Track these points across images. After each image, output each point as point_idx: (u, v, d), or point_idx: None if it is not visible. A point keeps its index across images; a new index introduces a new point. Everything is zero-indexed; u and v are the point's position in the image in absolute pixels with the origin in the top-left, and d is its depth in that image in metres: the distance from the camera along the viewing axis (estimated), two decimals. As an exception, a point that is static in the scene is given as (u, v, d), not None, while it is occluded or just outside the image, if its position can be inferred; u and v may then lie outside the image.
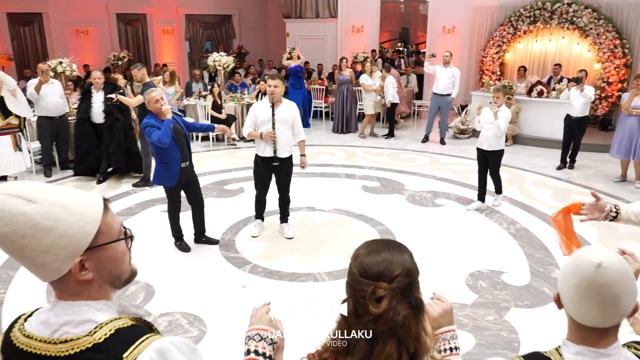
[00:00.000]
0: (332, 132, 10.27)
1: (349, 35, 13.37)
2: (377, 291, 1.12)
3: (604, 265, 1.14)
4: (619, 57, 9.65)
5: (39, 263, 1.00)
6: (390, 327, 1.11)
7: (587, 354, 1.22)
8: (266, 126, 4.65)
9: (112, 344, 1.00)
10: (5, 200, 0.97)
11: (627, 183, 7.04)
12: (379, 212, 5.72)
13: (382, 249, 1.21)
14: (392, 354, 1.10)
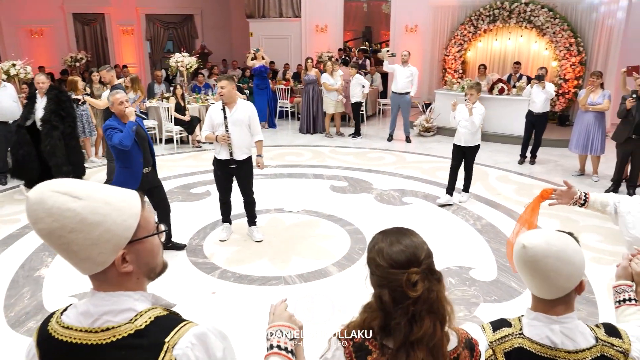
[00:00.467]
0: (298, 132, 10.23)
1: (313, 34, 13.36)
2: (412, 277, 1.21)
3: (527, 247, 1.33)
4: (575, 55, 9.99)
5: (85, 256, 1.05)
6: (428, 304, 1.22)
7: (542, 319, 1.40)
8: (221, 129, 4.59)
9: (153, 330, 1.06)
10: (53, 197, 1.01)
11: (586, 177, 7.29)
12: (348, 212, 5.73)
13: (400, 237, 1.30)
14: (429, 328, 1.21)
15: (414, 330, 1.21)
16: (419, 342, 1.22)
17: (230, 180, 4.87)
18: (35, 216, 1.02)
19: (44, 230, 1.02)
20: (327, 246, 4.86)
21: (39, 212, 1.01)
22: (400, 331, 1.22)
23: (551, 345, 1.37)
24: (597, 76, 7.02)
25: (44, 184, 1.04)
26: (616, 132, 6.45)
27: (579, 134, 7.18)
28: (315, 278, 4.23)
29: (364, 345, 1.29)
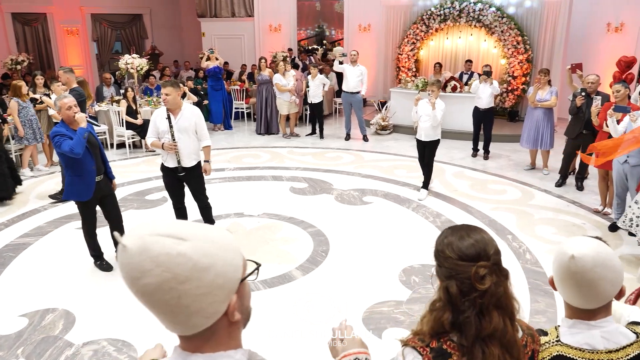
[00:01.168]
0: (255, 134, 10.11)
1: (266, 34, 13.24)
2: (480, 270, 1.24)
3: (576, 257, 1.32)
4: (522, 53, 10.34)
5: (195, 310, 0.87)
6: (495, 298, 1.24)
7: (580, 326, 1.40)
8: (167, 136, 4.45)
9: None
10: (159, 242, 0.84)
11: (536, 171, 7.55)
12: (309, 214, 5.69)
13: (471, 232, 1.32)
14: (499, 322, 1.23)
15: (484, 325, 1.23)
16: (491, 338, 1.23)
17: (181, 186, 4.74)
18: (140, 269, 0.84)
19: (151, 286, 0.84)
20: (289, 250, 4.80)
21: (145, 263, 0.84)
22: (471, 325, 1.23)
23: (592, 349, 1.37)
24: (544, 73, 7.27)
25: (138, 228, 0.87)
26: (568, 128, 6.70)
27: (529, 130, 7.43)
28: (280, 283, 4.17)
29: (442, 348, 1.28)
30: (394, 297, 3.95)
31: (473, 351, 1.24)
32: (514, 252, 4.82)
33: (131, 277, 0.86)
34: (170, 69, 12.90)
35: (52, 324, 3.60)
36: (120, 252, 0.85)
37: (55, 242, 4.99)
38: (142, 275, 0.84)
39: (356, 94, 9.28)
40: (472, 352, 1.24)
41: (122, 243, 0.84)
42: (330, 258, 4.64)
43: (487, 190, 6.67)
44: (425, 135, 6.21)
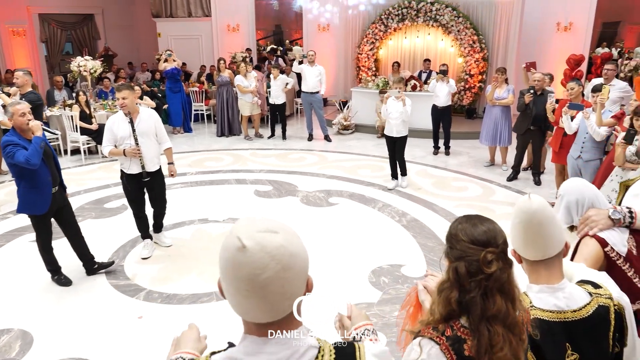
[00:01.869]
0: (216, 136, 9.92)
1: (224, 34, 13.05)
2: (488, 255, 1.34)
3: (532, 196, 1.56)
4: (478, 52, 10.59)
5: (290, 294, 0.99)
6: (499, 283, 1.34)
7: (546, 290, 1.56)
8: (128, 142, 4.34)
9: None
10: (265, 238, 0.95)
11: (496, 167, 7.74)
12: (275, 217, 5.60)
13: (483, 221, 1.44)
14: (502, 305, 1.33)
15: (488, 306, 1.32)
16: (494, 319, 1.32)
17: (143, 193, 4.64)
18: (260, 265, 0.94)
19: (270, 279, 0.94)
20: (257, 255, 4.71)
21: (264, 259, 0.94)
22: (477, 305, 1.33)
23: (559, 310, 1.55)
24: (501, 72, 7.46)
25: (241, 229, 0.97)
26: (516, 124, 6.91)
27: (488, 127, 7.61)
28: (249, 290, 4.08)
29: (457, 335, 1.36)
30: (365, 299, 3.94)
31: (479, 329, 1.33)
32: (479, 248, 4.90)
33: (252, 275, 0.94)
34: (125, 70, 12.52)
35: (8, 346, 3.38)
36: (239, 253, 0.94)
37: (8, 257, 4.72)
38: (263, 271, 0.94)
39: (316, 94, 9.28)
40: (479, 331, 1.33)
41: (241, 244, 0.94)
42: (298, 262, 4.59)
43: (449, 187, 6.78)
44: (397, 131, 6.45)
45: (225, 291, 1.02)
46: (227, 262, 0.97)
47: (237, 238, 0.94)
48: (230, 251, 0.95)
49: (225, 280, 1.00)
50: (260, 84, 9.97)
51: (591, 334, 1.56)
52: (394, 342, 3.41)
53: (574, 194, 2.10)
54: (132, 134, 4.32)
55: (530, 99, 6.47)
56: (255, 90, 9.37)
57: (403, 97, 6.28)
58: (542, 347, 1.52)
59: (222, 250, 0.99)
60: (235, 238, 0.95)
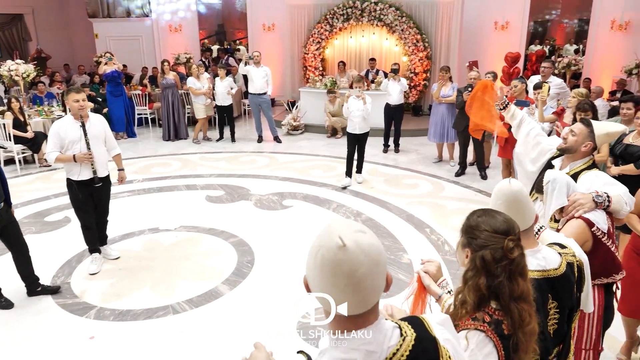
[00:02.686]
0: (162, 140, 9.61)
1: (167, 34, 12.67)
2: (510, 243, 1.52)
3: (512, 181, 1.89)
4: (422, 50, 10.83)
5: (378, 287, 1.09)
6: (520, 267, 1.54)
7: (529, 254, 1.73)
8: (78, 146, 4.16)
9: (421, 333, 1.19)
10: (359, 237, 1.07)
11: (444, 163, 7.95)
12: (229, 223, 5.49)
13: (498, 214, 1.63)
14: (524, 286, 1.52)
15: (514, 288, 1.51)
16: (519, 298, 1.51)
17: (92, 202, 4.41)
18: (357, 262, 1.04)
19: (364, 275, 1.05)
20: (213, 264, 4.60)
21: (360, 256, 1.05)
22: (505, 288, 1.50)
23: (543, 269, 1.84)
24: (445, 71, 7.67)
25: (340, 230, 1.07)
26: (456, 122, 7.13)
27: (436, 125, 7.80)
28: (206, 301, 3.97)
29: (494, 318, 1.51)
30: (326, 303, 3.92)
31: (510, 308, 1.50)
32: (434, 244, 5.00)
33: (350, 272, 1.05)
34: (61, 73, 11.90)
35: (-56, 379, 3.12)
36: (340, 251, 1.04)
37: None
38: (359, 268, 1.04)
39: (263, 95, 9.18)
40: (510, 310, 1.50)
41: (343, 243, 1.04)
42: (256, 268, 4.51)
43: (401, 185, 6.89)
44: (360, 128, 6.60)
45: (317, 287, 1.10)
46: (327, 260, 1.05)
47: (338, 238, 1.04)
48: (332, 250, 1.05)
49: (321, 277, 1.08)
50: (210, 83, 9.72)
51: (566, 285, 1.88)
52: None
53: (563, 179, 2.43)
54: (83, 138, 4.15)
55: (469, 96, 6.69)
56: (209, 92, 9.15)
57: (363, 95, 6.44)
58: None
59: (319, 249, 1.08)
60: (336, 238, 1.04)
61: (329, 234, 1.07)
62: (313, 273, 1.10)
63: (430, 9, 10.90)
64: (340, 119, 9.79)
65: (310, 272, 1.12)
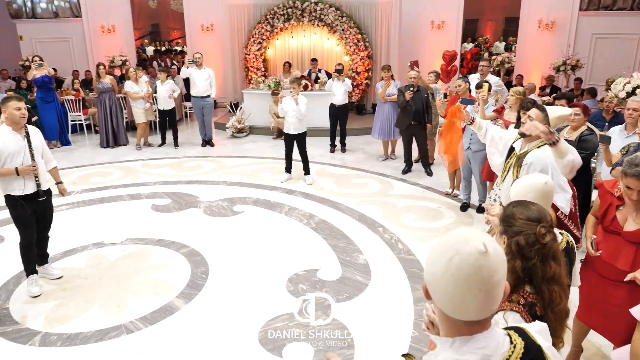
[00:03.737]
0: (100, 147, 9.15)
1: (99, 36, 12.09)
2: (542, 229, 1.72)
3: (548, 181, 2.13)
4: (363, 50, 10.97)
5: (500, 294, 1.13)
6: (552, 251, 1.72)
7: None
8: (19, 159, 3.90)
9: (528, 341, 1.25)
10: (497, 245, 1.13)
11: (390, 161, 8.09)
12: (179, 233, 5.31)
13: (531, 204, 1.83)
14: (556, 268, 1.69)
15: (546, 270, 1.68)
16: (551, 280, 1.67)
17: (34, 218, 4.12)
18: (495, 268, 1.10)
19: (497, 281, 1.11)
20: (165, 277, 4.42)
21: (498, 263, 1.11)
22: (538, 270, 1.68)
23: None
24: (387, 70, 7.81)
25: (472, 236, 1.12)
26: (398, 120, 7.28)
27: (382, 123, 7.95)
28: (162, 317, 3.80)
29: (528, 301, 1.68)
30: (286, 310, 3.87)
31: (542, 289, 1.67)
32: (387, 243, 5.07)
33: (487, 277, 1.09)
34: (-18, 79, 11.04)
35: None
36: (482, 257, 1.09)
37: None
38: (495, 274, 1.10)
39: (207, 98, 8.98)
40: (542, 291, 1.67)
41: (485, 249, 1.09)
42: (211, 279, 4.38)
43: (350, 185, 6.93)
44: (294, 129, 6.75)
45: (445, 293, 1.12)
46: (466, 265, 1.08)
47: (482, 244, 1.08)
48: (472, 256, 1.08)
49: (454, 283, 1.10)
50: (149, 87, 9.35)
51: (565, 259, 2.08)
52: (321, 350, 3.40)
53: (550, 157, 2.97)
54: (26, 150, 3.90)
55: (411, 95, 6.85)
56: (147, 95, 8.79)
57: (295, 97, 6.56)
58: None
59: (455, 255, 1.10)
60: (478, 244, 1.09)
61: (467, 241, 1.11)
62: (442, 279, 1.12)
63: (369, 9, 11.06)
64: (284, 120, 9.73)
65: (436, 278, 1.13)
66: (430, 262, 1.16)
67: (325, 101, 9.01)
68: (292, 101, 6.62)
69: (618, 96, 5.49)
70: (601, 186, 2.91)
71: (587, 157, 4.49)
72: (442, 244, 1.15)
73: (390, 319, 3.76)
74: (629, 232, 2.69)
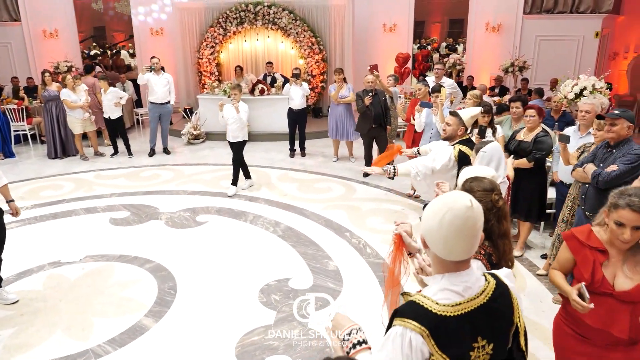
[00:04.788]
0: (47, 159, 8.70)
1: (41, 41, 11.50)
2: (495, 196, 2.08)
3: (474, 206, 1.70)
4: (317, 53, 10.98)
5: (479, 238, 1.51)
6: (504, 212, 2.10)
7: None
8: None
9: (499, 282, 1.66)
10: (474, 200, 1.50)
11: (346, 162, 8.22)
12: (141, 247, 5.12)
13: (481, 178, 2.18)
14: (507, 225, 2.13)
15: (501, 228, 2.08)
16: (504, 236, 2.08)
17: None
18: (478, 218, 1.47)
19: (479, 227, 1.48)
20: (131, 295, 4.25)
21: (479, 213, 1.48)
22: (495, 228, 2.06)
23: None
24: (339, 73, 7.89)
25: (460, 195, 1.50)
26: (359, 125, 7.35)
27: (335, 124, 8.09)
28: (131, 338, 3.65)
29: (487, 252, 2.07)
30: (261, 323, 3.81)
31: (498, 244, 2.06)
32: (355, 248, 5.10)
33: (473, 225, 1.45)
34: None
35: None
36: (466, 210, 1.44)
37: None
38: (478, 222, 1.46)
39: (166, 105, 8.71)
40: (498, 245, 2.06)
41: (469, 203, 1.45)
42: (180, 295, 4.25)
43: (314, 189, 6.92)
44: (233, 136, 6.58)
45: (439, 241, 1.48)
46: (456, 218, 1.43)
47: (469, 200, 1.45)
48: (462, 210, 1.43)
49: (447, 232, 1.44)
50: (92, 96, 8.96)
51: None
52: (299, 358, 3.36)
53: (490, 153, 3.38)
54: None
55: (370, 100, 6.92)
56: (86, 104, 8.38)
57: (236, 105, 6.37)
58: None
59: (447, 211, 1.44)
60: (465, 200, 1.45)
61: (455, 199, 1.47)
62: (438, 231, 1.46)
63: (322, 12, 11.09)
64: (243, 125, 9.62)
65: (433, 231, 1.48)
66: (427, 220, 1.50)
67: (282, 105, 8.97)
68: (232, 109, 6.41)
69: (567, 97, 5.76)
70: (571, 238, 2.35)
71: (542, 157, 4.70)
72: (434, 205, 1.50)
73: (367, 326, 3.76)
74: (623, 292, 2.16)
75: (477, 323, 1.51)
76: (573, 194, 4.19)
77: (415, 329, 1.46)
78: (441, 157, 4.09)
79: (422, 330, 1.45)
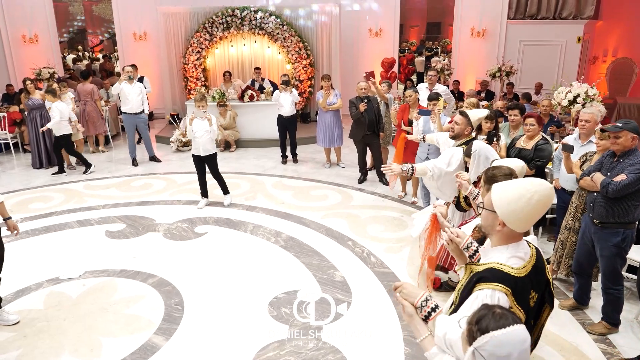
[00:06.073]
0: (32, 168, 8.46)
1: (20, 46, 11.19)
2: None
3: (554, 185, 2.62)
4: (305, 58, 10.96)
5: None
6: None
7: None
8: None
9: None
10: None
11: (337, 168, 8.23)
12: (141, 261, 5.02)
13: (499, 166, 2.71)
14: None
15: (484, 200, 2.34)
16: None
17: None
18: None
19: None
20: (137, 312, 4.15)
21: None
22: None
23: None
24: (326, 79, 7.89)
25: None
26: (352, 132, 7.35)
27: (324, 131, 8.10)
28: (143, 358, 3.57)
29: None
30: (274, 338, 3.77)
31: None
32: (359, 257, 5.09)
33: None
34: None
35: None
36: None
37: None
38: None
39: (140, 114, 8.48)
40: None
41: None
42: (188, 310, 4.17)
43: (310, 197, 6.89)
44: (204, 150, 6.25)
45: (524, 218, 1.89)
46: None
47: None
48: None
49: (535, 209, 1.88)
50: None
51: None
52: (320, 380, 3.33)
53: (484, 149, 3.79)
54: None
55: (365, 107, 6.93)
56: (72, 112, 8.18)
57: (209, 117, 6.17)
58: None
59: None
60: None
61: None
62: (523, 210, 1.87)
63: (309, 18, 11.07)
64: (233, 132, 9.54)
65: (515, 211, 1.88)
66: (508, 204, 1.89)
67: (272, 111, 8.91)
68: (202, 121, 6.12)
69: (561, 104, 5.88)
70: None
71: (542, 164, 4.79)
72: (513, 192, 1.89)
73: (380, 337, 3.77)
74: None
75: (532, 279, 1.97)
76: (576, 201, 4.26)
77: (503, 289, 1.87)
78: (454, 160, 4.21)
79: (507, 290, 1.88)
